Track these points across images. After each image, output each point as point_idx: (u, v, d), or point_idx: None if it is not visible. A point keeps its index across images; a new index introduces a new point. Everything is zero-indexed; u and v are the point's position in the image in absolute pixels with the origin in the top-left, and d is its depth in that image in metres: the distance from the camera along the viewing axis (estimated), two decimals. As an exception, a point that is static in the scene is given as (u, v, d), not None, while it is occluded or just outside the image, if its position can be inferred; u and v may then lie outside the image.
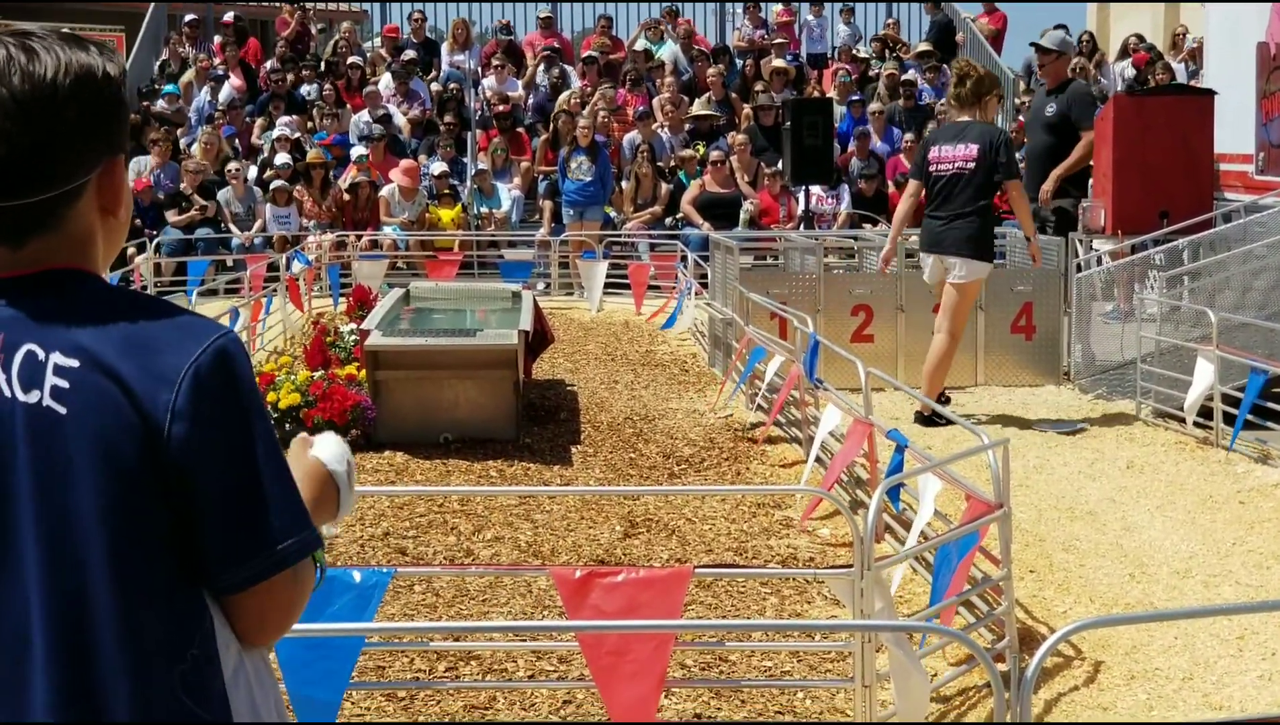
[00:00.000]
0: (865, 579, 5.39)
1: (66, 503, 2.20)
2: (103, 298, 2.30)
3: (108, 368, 2.21)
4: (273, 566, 2.29)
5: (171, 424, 2.21)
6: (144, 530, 2.22)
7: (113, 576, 2.20)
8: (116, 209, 2.38)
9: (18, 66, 2.25)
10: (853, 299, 12.97)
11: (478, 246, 20.26)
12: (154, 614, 2.23)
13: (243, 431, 2.27)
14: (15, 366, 2.23)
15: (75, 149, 2.28)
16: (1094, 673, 6.21)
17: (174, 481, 2.23)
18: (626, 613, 5.08)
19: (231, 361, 2.27)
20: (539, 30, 25.18)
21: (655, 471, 9.81)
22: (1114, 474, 9.67)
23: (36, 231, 2.29)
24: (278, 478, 2.31)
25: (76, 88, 2.27)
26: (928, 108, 22.75)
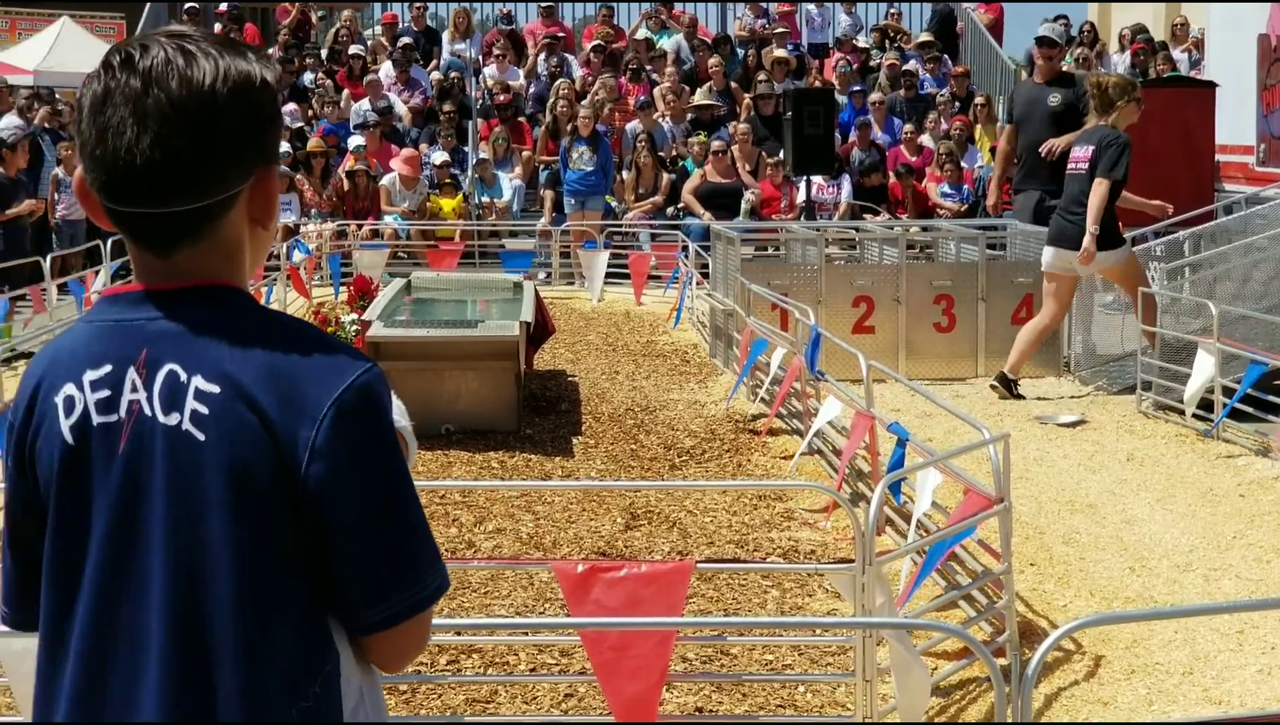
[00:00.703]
0: (867, 574, 5.40)
1: (198, 531, 2.18)
2: (249, 319, 2.25)
3: (249, 397, 2.17)
4: (414, 608, 2.26)
5: (310, 462, 2.16)
6: (274, 564, 2.19)
7: (239, 610, 2.17)
8: (266, 220, 2.32)
9: (176, 71, 2.19)
10: (854, 290, 12.98)
11: (479, 236, 20.26)
12: (278, 649, 2.19)
13: (382, 472, 2.22)
14: (157, 386, 2.20)
15: (230, 158, 2.22)
16: (1094, 667, 6.22)
17: (308, 518, 2.19)
18: (628, 607, 5.10)
19: (375, 400, 2.22)
20: (540, 19, 25.15)
21: (656, 463, 9.83)
22: (1114, 466, 9.68)
23: (185, 241, 2.23)
24: (416, 520, 2.27)
25: (234, 95, 2.21)
26: (929, 97, 22.75)
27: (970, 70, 23.48)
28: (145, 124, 2.17)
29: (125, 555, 2.20)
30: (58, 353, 2.31)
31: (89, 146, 2.22)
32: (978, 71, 23.74)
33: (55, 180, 18.90)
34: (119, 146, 2.18)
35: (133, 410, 2.21)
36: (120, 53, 2.23)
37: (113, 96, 2.19)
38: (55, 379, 2.27)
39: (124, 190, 2.20)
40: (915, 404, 11.00)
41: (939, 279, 13.15)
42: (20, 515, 2.34)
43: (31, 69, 26.80)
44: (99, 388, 2.23)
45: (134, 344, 2.23)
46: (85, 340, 2.28)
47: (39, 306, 14.92)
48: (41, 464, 2.27)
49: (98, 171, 2.22)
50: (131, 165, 2.17)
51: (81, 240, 18.83)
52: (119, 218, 2.24)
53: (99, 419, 2.22)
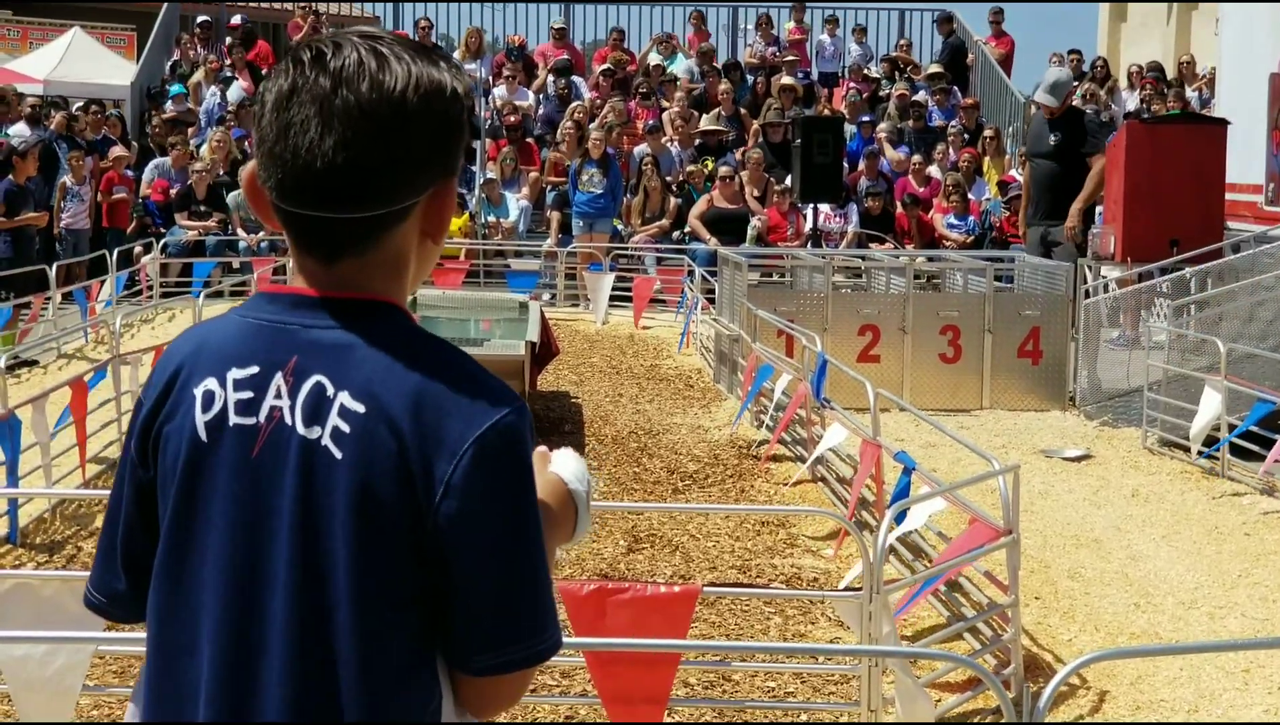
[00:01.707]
0: (874, 603, 5.37)
1: (323, 548, 2.11)
2: (405, 341, 2.16)
3: (392, 422, 2.10)
4: (527, 660, 2.18)
5: (443, 498, 2.09)
6: (395, 593, 2.12)
7: (358, 634, 2.11)
8: (438, 235, 2.25)
9: (368, 73, 2.12)
10: (860, 318, 12.95)
11: (484, 255, 20.25)
12: (393, 678, 2.13)
13: (515, 519, 2.14)
14: (302, 396, 2.14)
15: (412, 168, 2.16)
16: (1099, 702, 6.18)
17: (433, 553, 2.11)
18: (633, 629, 5.06)
19: (518, 441, 2.14)
20: (551, 41, 25.19)
21: (659, 486, 9.79)
22: (1119, 502, 9.64)
23: (353, 250, 2.17)
24: (540, 572, 2.17)
25: (425, 104, 2.14)
26: (937, 129, 22.76)
27: (979, 102, 23.49)
28: (330, 125, 2.10)
29: (252, 563, 2.14)
30: (204, 341, 2.25)
31: (268, 142, 2.15)
32: (987, 104, 23.75)
33: (62, 189, 18.89)
34: (300, 145, 2.11)
35: (274, 417, 2.15)
36: (311, 49, 2.17)
37: (299, 93, 2.13)
38: (198, 369, 2.21)
39: (299, 191, 2.14)
40: (920, 434, 10.96)
41: (946, 309, 13.13)
42: (129, 504, 2.29)
43: (42, 78, 26.85)
44: (242, 388, 2.17)
45: (285, 349, 2.16)
46: (235, 335, 2.22)
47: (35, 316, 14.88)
48: (167, 454, 2.21)
49: (274, 169, 2.15)
50: (310, 166, 2.11)
51: (86, 250, 18.82)
52: (288, 218, 2.18)
53: (236, 420, 2.16)
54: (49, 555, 7.96)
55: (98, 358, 13.60)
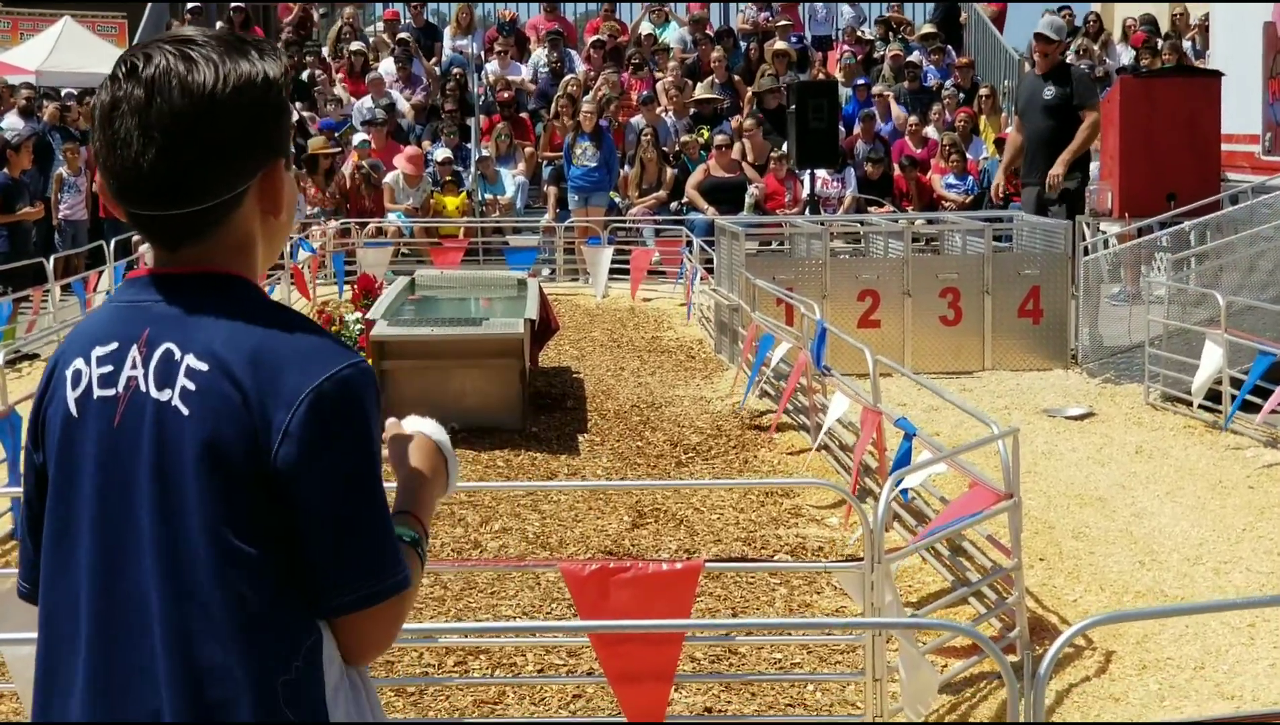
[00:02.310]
0: (876, 572, 5.37)
1: (180, 501, 2.25)
2: (247, 306, 2.31)
3: (234, 377, 2.24)
4: (368, 599, 2.30)
5: (280, 444, 2.23)
6: (249, 539, 2.24)
7: (220, 582, 2.23)
8: (277, 211, 2.39)
9: (176, 77, 2.25)
10: (859, 284, 12.93)
11: (482, 233, 20.23)
12: (257, 621, 2.25)
13: (350, 464, 2.27)
14: (153, 363, 2.29)
15: (234, 160, 2.30)
16: (1105, 663, 6.18)
17: (278, 499, 2.25)
18: (637, 608, 5.06)
19: (353, 393, 2.27)
20: (542, 14, 25.11)
21: (663, 460, 9.79)
22: (1123, 459, 9.64)
23: (192, 238, 2.32)
24: (378, 516, 2.31)
25: (235, 98, 2.28)
26: (932, 89, 22.70)
27: (974, 61, 23.42)
28: (149, 133, 2.25)
29: (117, 524, 2.28)
30: (80, 328, 2.42)
31: (101, 156, 2.31)
32: (981, 63, 23.68)
33: (59, 180, 18.87)
34: (126, 156, 2.26)
35: (130, 385, 2.30)
36: (125, 63, 2.30)
37: (119, 107, 2.27)
38: (70, 354, 2.38)
39: (134, 195, 2.29)
40: (922, 398, 10.96)
41: (945, 272, 13.10)
42: (33, 491, 2.45)
43: (34, 69, 26.76)
44: (103, 363, 2.32)
45: (139, 324, 2.32)
46: (102, 319, 2.39)
47: (37, 308, 14.87)
48: (49, 435, 2.38)
49: (110, 179, 2.31)
50: (139, 172, 2.26)
51: (84, 240, 18.80)
52: (133, 218, 2.34)
53: (99, 392, 2.32)
54: (54, 550, 7.95)
55: (99, 349, 13.58)
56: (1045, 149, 14.64)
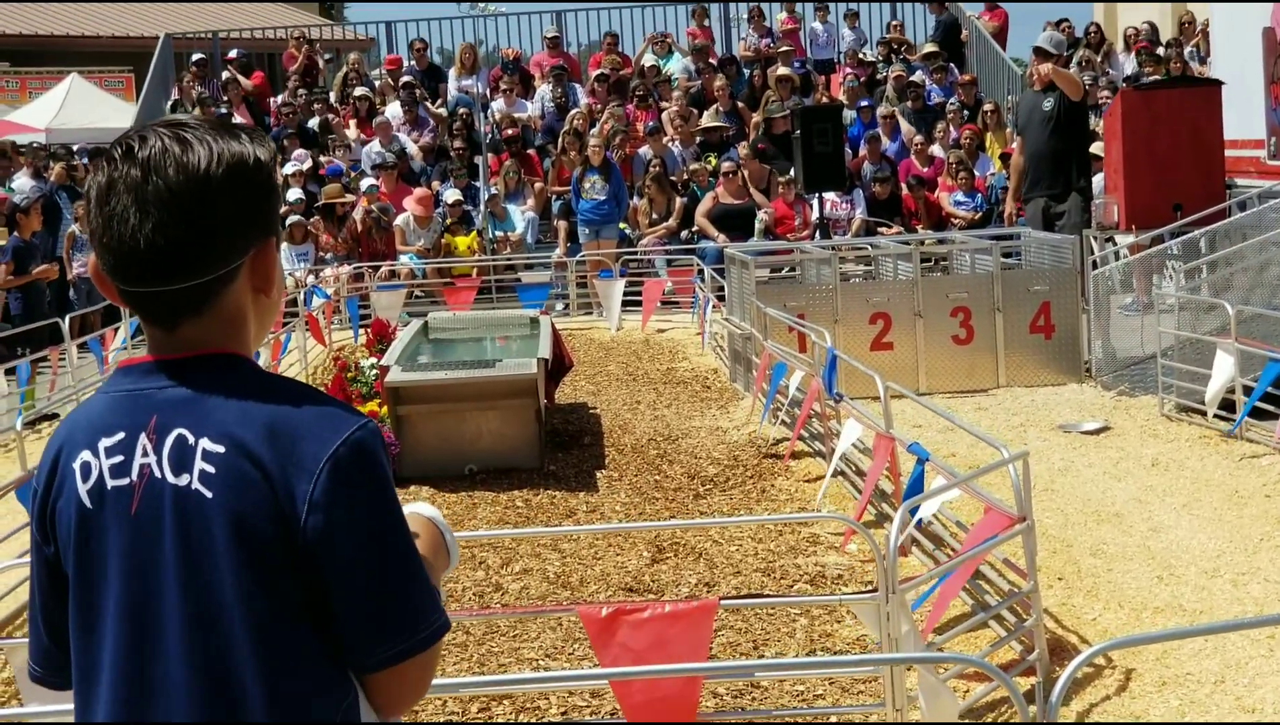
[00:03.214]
0: (891, 602, 5.40)
1: (210, 581, 2.30)
2: (251, 383, 2.38)
3: (252, 454, 2.30)
4: (409, 650, 2.38)
5: (308, 514, 2.29)
6: (283, 608, 2.31)
7: (256, 652, 2.30)
8: (269, 289, 2.45)
9: (172, 158, 2.33)
10: (870, 307, 12.98)
11: (494, 271, 20.30)
12: (298, 686, 2.32)
13: (377, 522, 2.34)
14: (166, 449, 2.34)
15: (228, 236, 2.36)
16: (1125, 680, 6.20)
17: (309, 566, 2.31)
18: (655, 648, 5.10)
19: (369, 454, 2.34)
20: (546, 50, 25.21)
21: (681, 493, 9.83)
22: (1139, 473, 9.66)
23: (190, 314, 2.38)
24: (410, 567, 2.38)
25: (229, 177, 2.35)
26: (936, 107, 22.75)
27: (977, 78, 23.46)
28: (146, 211, 2.31)
29: (144, 610, 2.33)
30: (76, 421, 2.46)
31: (98, 234, 2.37)
32: (984, 78, 23.72)
33: (71, 237, 18.98)
34: (124, 233, 2.32)
35: (144, 473, 2.35)
36: (121, 145, 2.38)
37: (116, 186, 2.34)
38: (73, 447, 2.41)
39: (130, 272, 2.35)
40: (938, 419, 10.95)
41: (955, 291, 13.15)
42: (44, 581, 2.50)
43: (43, 127, 26.98)
44: (113, 453, 2.37)
45: (144, 411, 2.37)
46: (101, 409, 2.42)
47: (56, 368, 14.95)
48: (61, 528, 2.41)
49: (106, 256, 2.37)
50: (136, 249, 2.32)
51: (99, 298, 18.89)
52: (129, 297, 2.39)
53: (113, 483, 2.36)
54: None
55: (117, 406, 13.65)
56: (1046, 162, 14.68)
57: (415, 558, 2.40)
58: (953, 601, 7.13)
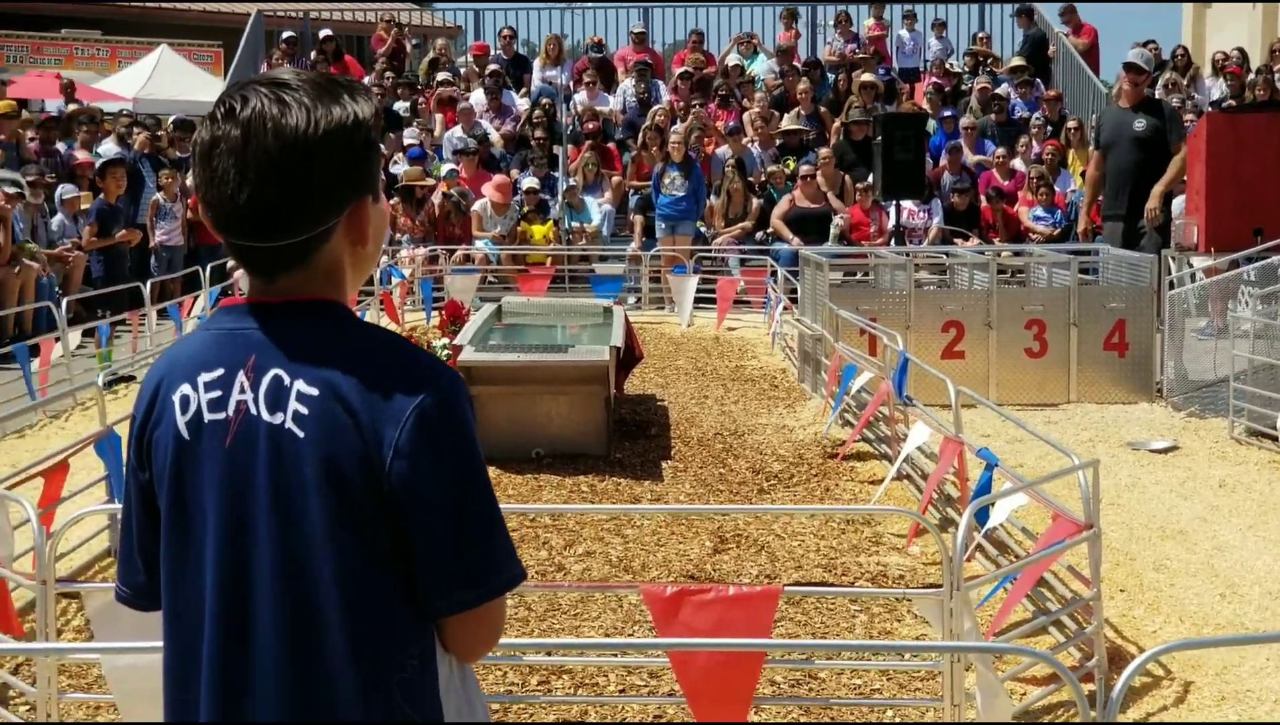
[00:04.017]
0: (954, 600, 5.43)
1: (300, 519, 2.42)
2: (346, 330, 2.49)
3: (344, 399, 2.41)
4: (486, 595, 2.49)
5: (394, 460, 2.39)
6: (368, 550, 2.42)
7: (340, 589, 2.41)
8: (365, 242, 2.54)
9: (270, 120, 2.41)
10: (943, 315, 12.97)
11: (569, 261, 20.40)
12: (378, 624, 2.43)
13: (459, 470, 2.44)
14: (263, 388, 2.45)
15: (324, 197, 2.45)
16: (1184, 693, 6.20)
17: (393, 510, 2.41)
18: (716, 630, 5.14)
19: (453, 405, 2.44)
20: (631, 45, 25.30)
21: (745, 487, 9.86)
22: (1206, 493, 9.63)
23: (288, 267, 2.48)
24: (490, 515, 2.48)
25: (325, 140, 2.43)
26: (1020, 121, 22.70)
27: (1062, 94, 23.38)
28: (245, 173, 2.41)
29: (235, 541, 2.44)
30: (177, 356, 2.57)
31: (201, 189, 2.49)
32: (1071, 96, 23.63)
33: (155, 205, 19.18)
34: (224, 192, 2.43)
35: (240, 409, 2.46)
36: (223, 104, 2.47)
37: (218, 146, 2.44)
38: (173, 379, 2.53)
39: (230, 227, 2.47)
40: (1006, 429, 10.98)
41: (1030, 304, 13.12)
42: (138, 506, 2.61)
43: (131, 96, 27.26)
44: (211, 388, 2.48)
45: (243, 350, 2.48)
46: (201, 345, 2.54)
47: (136, 332, 15.12)
48: (157, 456, 2.53)
49: (209, 211, 2.49)
50: (236, 207, 2.43)
51: (180, 266, 19.09)
52: (230, 247, 2.51)
53: (210, 416, 2.48)
54: (149, 567, 8.12)
55: (192, 372, 13.82)
56: (1134, 182, 14.64)
57: (495, 507, 2.49)
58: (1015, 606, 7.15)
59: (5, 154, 19.11)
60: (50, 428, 12.19)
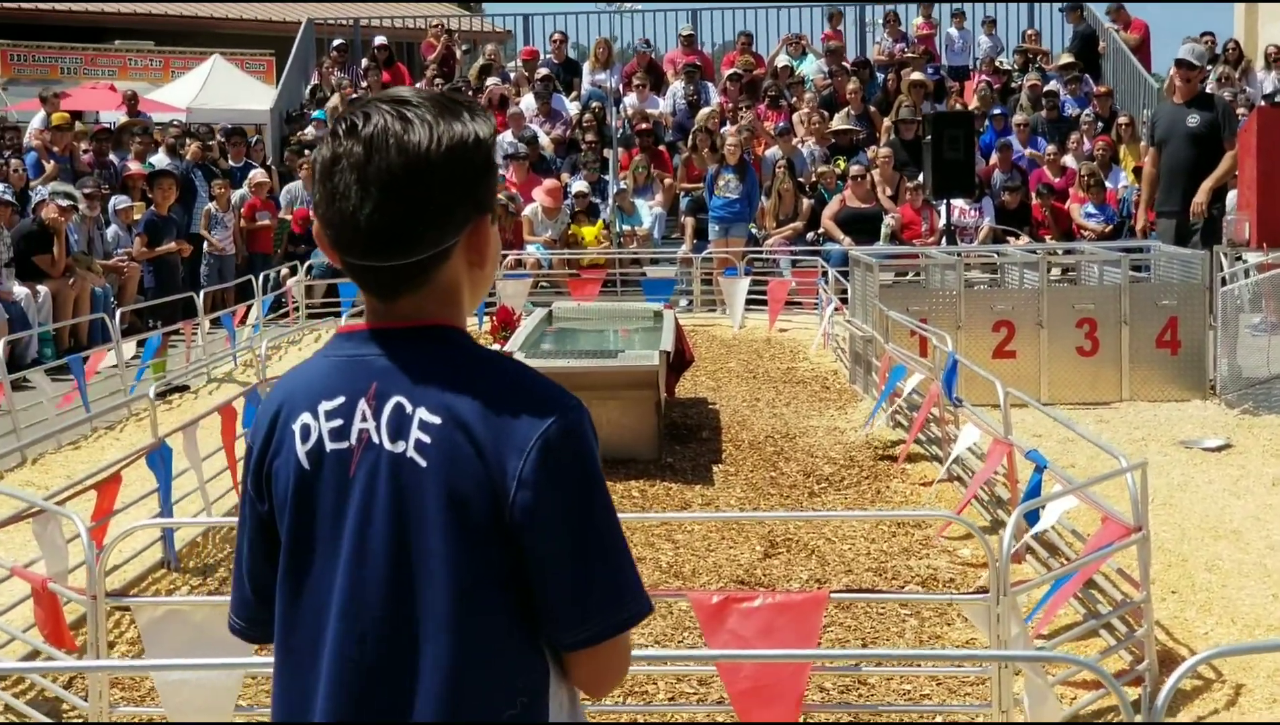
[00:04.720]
0: (1001, 604, 5.42)
1: (418, 547, 2.38)
2: (468, 357, 2.46)
3: (467, 428, 2.37)
4: (610, 631, 2.43)
5: (518, 490, 2.35)
6: (486, 581, 2.38)
7: (453, 619, 2.37)
8: (484, 263, 2.51)
9: (394, 137, 2.38)
10: (994, 315, 12.92)
11: (620, 264, 20.43)
12: (488, 657, 2.39)
13: (585, 502, 2.39)
14: (385, 416, 2.42)
15: (445, 216, 2.41)
16: (1235, 695, 6.17)
17: (516, 542, 2.37)
18: (763, 636, 5.16)
19: (579, 435, 2.39)
20: (680, 48, 25.33)
21: (795, 490, 9.87)
22: (1259, 491, 9.57)
23: (407, 288, 2.44)
24: (616, 547, 2.42)
25: (448, 157, 2.40)
26: (1071, 118, 22.60)
27: (1113, 90, 23.26)
28: (367, 189, 2.37)
29: (358, 569, 2.41)
30: (295, 383, 2.55)
31: (320, 207, 2.45)
32: (1121, 92, 23.51)
33: (208, 215, 19.32)
34: (345, 210, 2.39)
35: (362, 438, 2.43)
36: (345, 121, 2.43)
37: (340, 162, 2.40)
38: (293, 408, 2.50)
39: (351, 246, 2.42)
40: (1057, 429, 10.90)
41: (1081, 302, 13.06)
42: (255, 536, 2.58)
43: (184, 106, 27.47)
44: (332, 417, 2.45)
45: (364, 377, 2.44)
46: (321, 373, 2.51)
47: (189, 341, 15.22)
48: (278, 487, 2.50)
49: (328, 230, 2.44)
50: (356, 225, 2.39)
51: (231, 275, 19.23)
52: (348, 267, 2.46)
53: (331, 446, 2.45)
54: (203, 578, 8.20)
55: (246, 381, 13.93)
56: (1187, 178, 14.56)
57: (621, 539, 2.43)
58: (1064, 610, 7.13)
59: (60, 166, 19.30)
60: (105, 438, 12.30)
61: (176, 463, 8.52)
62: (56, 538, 6.45)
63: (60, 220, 16.17)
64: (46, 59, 33.40)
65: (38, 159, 19.44)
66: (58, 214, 16.16)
